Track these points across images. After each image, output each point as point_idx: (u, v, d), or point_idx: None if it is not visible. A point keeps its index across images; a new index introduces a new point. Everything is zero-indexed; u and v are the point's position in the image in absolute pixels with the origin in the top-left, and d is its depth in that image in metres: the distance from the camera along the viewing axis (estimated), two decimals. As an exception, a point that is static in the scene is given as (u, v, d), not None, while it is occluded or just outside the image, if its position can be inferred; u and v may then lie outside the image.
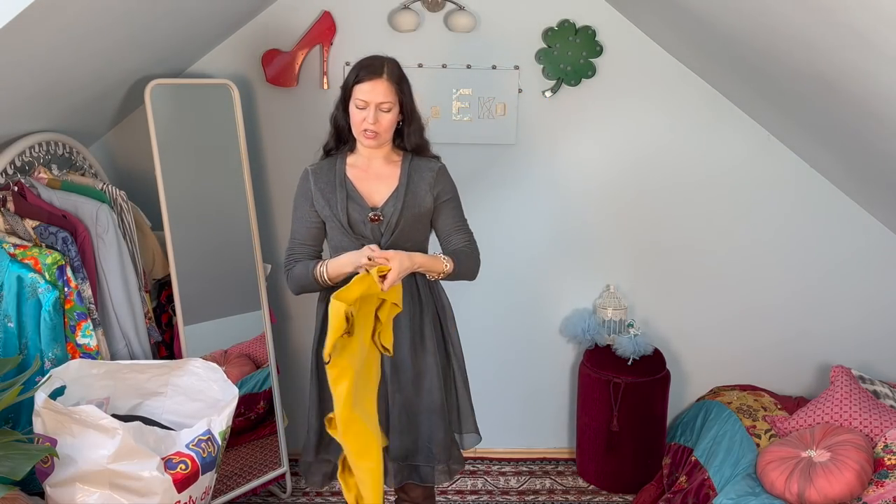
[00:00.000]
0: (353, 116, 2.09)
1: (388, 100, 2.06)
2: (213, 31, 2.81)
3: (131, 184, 2.89)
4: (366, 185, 2.16)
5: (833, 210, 3.16)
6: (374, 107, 2.05)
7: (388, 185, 2.17)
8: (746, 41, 2.42)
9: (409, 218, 2.15)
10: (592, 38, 2.95)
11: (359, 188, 2.15)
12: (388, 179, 2.17)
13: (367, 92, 2.04)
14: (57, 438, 1.93)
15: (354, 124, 2.09)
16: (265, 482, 2.89)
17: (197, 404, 2.32)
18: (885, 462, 2.48)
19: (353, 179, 2.16)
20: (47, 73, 2.13)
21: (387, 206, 2.14)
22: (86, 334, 2.27)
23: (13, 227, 2.26)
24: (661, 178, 3.13)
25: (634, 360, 3.03)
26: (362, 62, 2.09)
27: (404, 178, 2.17)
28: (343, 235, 2.14)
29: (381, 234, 2.14)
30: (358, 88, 2.06)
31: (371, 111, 2.05)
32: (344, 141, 2.19)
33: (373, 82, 2.04)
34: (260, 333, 2.89)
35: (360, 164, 2.19)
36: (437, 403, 2.19)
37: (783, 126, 2.97)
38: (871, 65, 1.94)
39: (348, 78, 2.09)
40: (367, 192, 2.16)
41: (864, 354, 3.24)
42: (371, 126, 2.06)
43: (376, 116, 2.06)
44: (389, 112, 2.08)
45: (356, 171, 2.18)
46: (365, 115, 2.06)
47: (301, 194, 2.19)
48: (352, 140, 2.18)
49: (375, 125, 2.06)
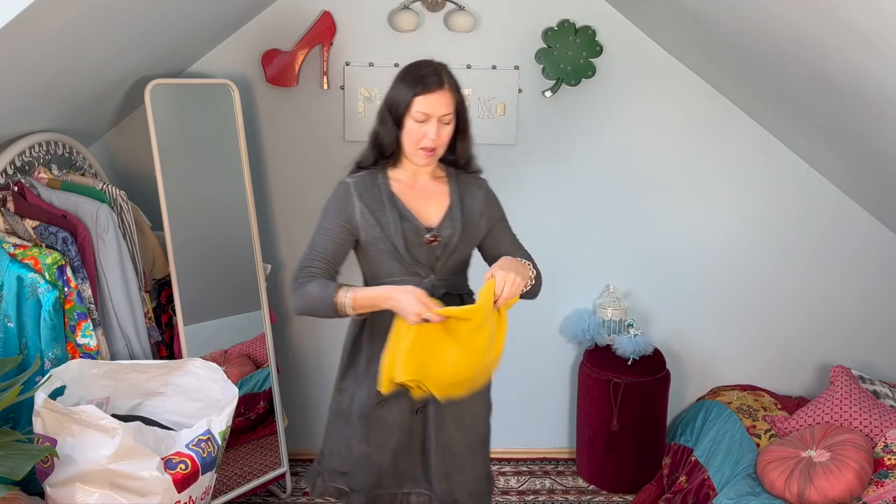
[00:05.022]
0: (412, 132, 1.86)
1: (450, 111, 1.87)
2: (213, 31, 2.81)
3: (131, 184, 2.89)
4: (414, 203, 1.94)
5: (833, 210, 3.16)
6: (437, 120, 1.85)
7: (438, 204, 1.96)
8: (746, 41, 2.42)
9: (467, 240, 1.97)
10: (592, 38, 2.95)
11: (409, 207, 1.93)
12: (438, 197, 1.97)
13: (430, 104, 1.83)
14: (57, 438, 1.93)
15: (412, 140, 1.87)
16: (265, 482, 2.89)
17: (197, 404, 2.32)
18: (885, 462, 2.48)
19: (400, 196, 1.94)
20: (47, 73, 2.13)
21: (443, 226, 1.93)
22: (86, 334, 2.27)
23: (13, 227, 2.26)
24: (660, 177, 3.13)
25: (634, 360, 3.03)
26: (417, 71, 1.87)
27: (455, 197, 1.97)
28: (393, 260, 1.90)
29: (437, 257, 1.93)
30: (419, 101, 1.83)
31: (433, 125, 1.85)
32: (385, 157, 1.96)
33: (436, 94, 1.84)
34: (260, 333, 2.89)
35: (405, 179, 1.96)
36: (483, 437, 2.07)
37: (783, 126, 2.97)
38: (872, 65, 1.94)
39: (398, 91, 1.87)
40: (417, 212, 1.93)
41: (864, 354, 3.24)
42: (432, 143, 1.86)
43: (438, 130, 1.86)
44: (449, 125, 1.89)
45: (401, 188, 1.95)
46: (425, 130, 1.85)
47: (336, 206, 1.93)
48: (395, 154, 1.95)
49: (437, 140, 1.87)
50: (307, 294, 1.87)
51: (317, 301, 1.85)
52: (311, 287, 1.86)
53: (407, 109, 1.85)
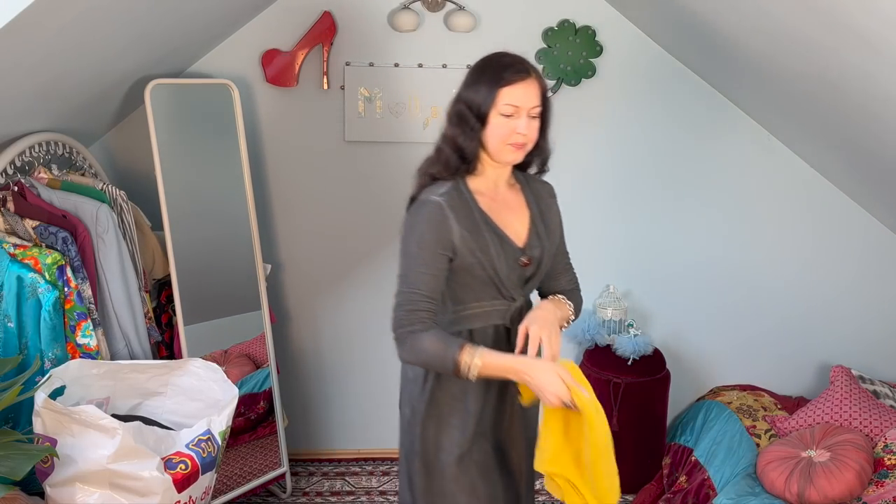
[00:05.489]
0: (498, 129, 1.66)
1: (538, 103, 1.69)
2: (214, 31, 2.81)
3: (131, 184, 2.89)
4: (501, 218, 1.74)
5: (833, 210, 3.16)
6: (526, 112, 1.67)
7: (520, 218, 1.77)
8: (746, 41, 2.42)
9: (551, 258, 1.80)
10: (592, 38, 2.95)
11: (499, 224, 1.73)
12: (518, 210, 1.78)
13: (519, 95, 1.65)
14: (57, 438, 1.92)
15: (499, 137, 1.67)
16: (265, 482, 2.89)
17: (197, 404, 2.31)
18: (885, 462, 2.48)
19: (488, 212, 1.73)
20: (47, 73, 2.13)
21: (531, 245, 1.75)
22: (86, 334, 2.27)
23: (13, 227, 2.26)
24: (660, 177, 3.13)
25: (634, 360, 3.02)
26: (499, 61, 1.69)
27: (535, 209, 1.80)
28: (488, 286, 1.72)
29: (527, 279, 1.77)
30: (507, 92, 1.65)
31: (523, 119, 1.66)
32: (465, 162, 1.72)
33: (524, 83, 1.66)
34: (260, 333, 2.89)
35: (487, 190, 1.76)
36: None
37: (783, 126, 2.97)
38: (872, 65, 1.94)
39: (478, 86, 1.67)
40: (507, 229, 1.74)
41: (864, 354, 3.23)
42: (523, 138, 1.67)
43: (529, 124, 1.68)
44: (537, 119, 1.70)
45: (487, 202, 1.74)
46: (514, 125, 1.66)
47: (433, 232, 1.67)
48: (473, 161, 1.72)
49: (527, 136, 1.68)
50: (423, 348, 1.63)
51: (434, 358, 1.64)
52: (428, 341, 1.63)
53: (492, 104, 1.65)
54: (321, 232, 3.12)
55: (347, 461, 3.29)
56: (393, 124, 2.99)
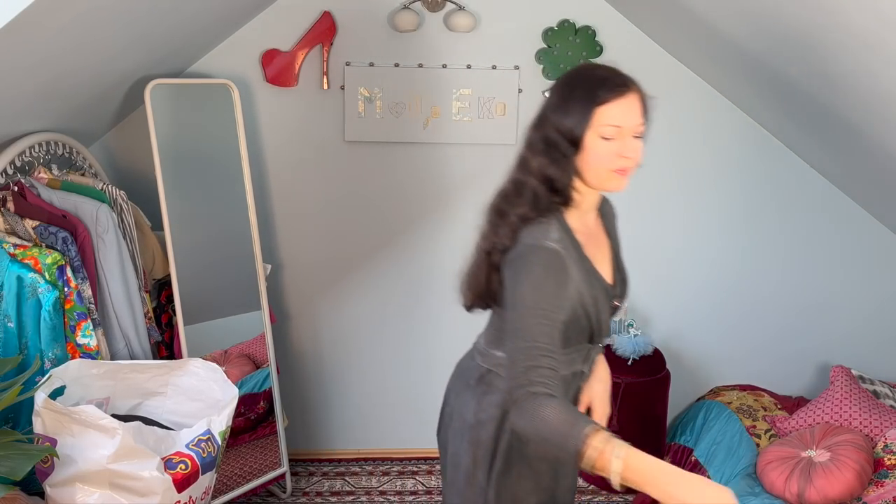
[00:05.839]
0: (598, 153, 1.46)
1: (643, 121, 1.49)
2: (213, 31, 2.81)
3: (131, 184, 2.89)
4: (594, 257, 1.57)
5: (833, 210, 3.16)
6: (630, 132, 1.47)
7: (602, 250, 1.61)
8: (746, 41, 2.42)
9: None
10: (592, 38, 2.95)
11: (596, 265, 1.56)
12: (601, 240, 1.62)
13: (621, 113, 1.45)
14: (57, 438, 1.92)
15: (601, 162, 1.46)
16: (265, 482, 2.89)
17: (197, 404, 2.31)
18: (885, 462, 2.48)
19: (587, 253, 1.55)
20: (47, 73, 2.13)
21: (617, 283, 1.60)
22: (86, 334, 2.27)
23: (13, 227, 2.26)
24: (660, 177, 3.13)
25: (634, 360, 3.03)
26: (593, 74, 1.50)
27: (614, 239, 1.65)
28: (581, 333, 1.55)
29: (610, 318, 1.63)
30: (605, 112, 1.44)
31: (627, 140, 1.46)
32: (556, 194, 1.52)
33: (626, 99, 1.46)
34: (260, 333, 2.89)
35: (580, 227, 1.56)
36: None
37: (783, 126, 2.97)
38: (871, 65, 1.94)
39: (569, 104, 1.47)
40: (597, 266, 1.57)
41: (864, 354, 3.24)
42: (629, 161, 1.47)
43: (634, 145, 1.48)
44: (641, 139, 1.50)
45: (583, 240, 1.55)
46: (618, 148, 1.45)
47: (554, 282, 1.46)
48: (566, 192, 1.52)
49: (634, 158, 1.47)
50: (545, 420, 1.35)
51: (555, 436, 1.35)
52: (553, 412, 1.35)
53: (588, 126, 1.44)
54: (321, 232, 3.12)
55: (347, 461, 3.29)
56: (393, 124, 2.99)
